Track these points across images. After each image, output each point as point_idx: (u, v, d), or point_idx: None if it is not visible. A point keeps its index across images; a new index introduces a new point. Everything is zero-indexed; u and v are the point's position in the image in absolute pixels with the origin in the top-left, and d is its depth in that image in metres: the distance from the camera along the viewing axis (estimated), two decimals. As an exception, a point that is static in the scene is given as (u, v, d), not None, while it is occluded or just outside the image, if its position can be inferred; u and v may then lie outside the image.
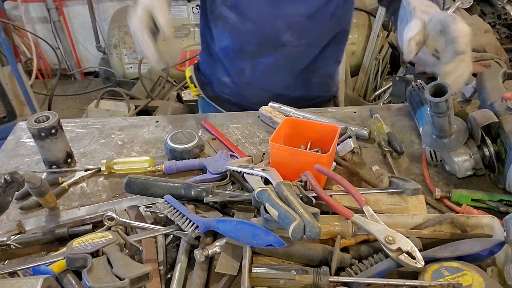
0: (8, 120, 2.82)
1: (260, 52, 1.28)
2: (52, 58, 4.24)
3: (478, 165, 0.95)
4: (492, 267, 0.74)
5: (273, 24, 1.21)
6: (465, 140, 0.94)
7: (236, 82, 1.37)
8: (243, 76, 1.35)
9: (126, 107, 3.11)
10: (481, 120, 0.93)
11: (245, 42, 1.26)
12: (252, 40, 1.26)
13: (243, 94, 1.38)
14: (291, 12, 1.20)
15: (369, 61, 3.12)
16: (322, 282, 0.69)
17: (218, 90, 1.44)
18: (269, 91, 1.36)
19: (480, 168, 0.95)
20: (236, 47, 1.28)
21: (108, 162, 1.05)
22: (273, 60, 1.29)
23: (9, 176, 0.79)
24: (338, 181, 0.84)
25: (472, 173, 0.96)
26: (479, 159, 0.94)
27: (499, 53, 1.97)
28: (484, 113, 0.95)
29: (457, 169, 0.96)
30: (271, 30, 1.22)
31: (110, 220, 0.84)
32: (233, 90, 1.40)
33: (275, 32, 1.23)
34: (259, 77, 1.33)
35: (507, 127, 0.92)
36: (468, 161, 0.95)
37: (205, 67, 1.45)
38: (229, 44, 1.28)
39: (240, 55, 1.30)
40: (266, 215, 0.72)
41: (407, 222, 0.80)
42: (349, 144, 1.05)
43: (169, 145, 1.08)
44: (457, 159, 0.95)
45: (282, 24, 1.22)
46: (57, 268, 0.74)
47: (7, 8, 3.85)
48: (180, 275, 0.76)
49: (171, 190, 0.89)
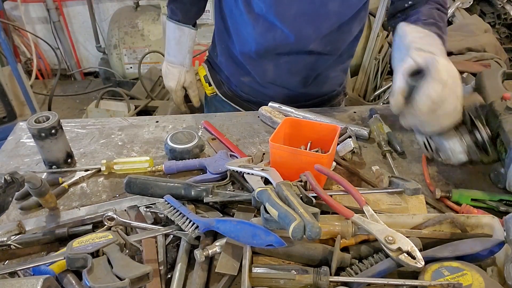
0: (8, 120, 2.82)
1: (285, 55, 1.28)
2: (52, 58, 4.24)
3: (471, 148, 0.94)
4: (492, 267, 0.74)
5: (306, 36, 1.21)
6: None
7: (258, 82, 1.37)
8: (265, 76, 1.34)
9: (126, 107, 3.11)
10: (468, 102, 0.92)
11: (272, 48, 1.26)
12: (280, 47, 1.25)
13: (264, 93, 1.37)
14: (325, 25, 1.20)
15: (369, 61, 3.11)
16: (322, 282, 0.69)
17: (237, 89, 1.44)
18: (291, 90, 1.37)
19: (474, 151, 0.94)
20: (261, 52, 1.28)
21: (108, 162, 1.05)
22: (297, 61, 1.29)
23: (9, 176, 0.79)
24: (338, 181, 0.84)
25: (465, 158, 0.95)
26: (471, 142, 0.93)
27: (499, 53, 1.97)
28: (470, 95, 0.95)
29: (450, 154, 0.95)
30: (302, 40, 1.22)
31: (110, 220, 0.84)
32: (254, 89, 1.40)
33: (305, 42, 1.23)
34: (282, 76, 1.33)
35: (507, 126, 0.92)
36: (459, 143, 0.93)
37: (223, 67, 1.44)
38: (252, 49, 1.27)
39: (263, 57, 1.29)
40: (266, 215, 0.72)
41: (407, 222, 0.80)
42: (349, 144, 1.05)
43: (169, 145, 1.08)
44: (448, 142, 0.94)
45: (314, 35, 1.22)
46: (57, 268, 0.74)
47: (7, 8, 3.85)
48: (180, 275, 0.76)
49: (171, 190, 0.89)
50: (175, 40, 1.39)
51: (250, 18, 1.21)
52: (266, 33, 1.22)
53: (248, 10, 1.20)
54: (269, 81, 1.35)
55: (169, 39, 1.40)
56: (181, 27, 1.36)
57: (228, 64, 1.41)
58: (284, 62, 1.29)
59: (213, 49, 1.47)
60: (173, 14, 1.35)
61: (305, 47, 1.24)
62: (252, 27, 1.22)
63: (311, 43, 1.23)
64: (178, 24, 1.35)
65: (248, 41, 1.27)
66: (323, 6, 1.14)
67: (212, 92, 1.48)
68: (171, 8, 1.35)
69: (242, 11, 1.22)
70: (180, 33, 1.37)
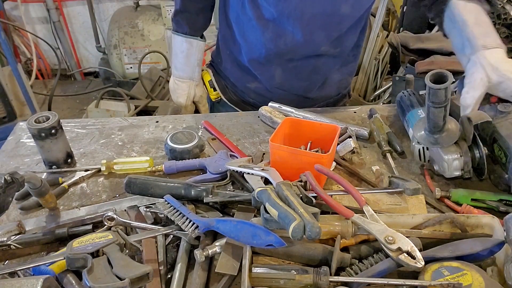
0: (8, 120, 2.82)
1: (294, 59, 1.27)
2: (52, 58, 4.24)
3: (467, 166, 0.94)
4: (492, 267, 0.74)
5: (317, 40, 1.21)
6: (456, 139, 0.94)
7: (265, 87, 1.36)
8: (273, 81, 1.33)
9: (126, 107, 3.11)
10: (475, 119, 0.93)
11: (281, 53, 1.25)
12: (290, 52, 1.25)
13: (270, 98, 1.34)
14: (337, 28, 1.20)
15: (369, 61, 3.11)
16: (322, 282, 0.69)
17: (243, 95, 1.43)
18: (298, 94, 1.36)
19: (468, 170, 0.95)
20: (270, 57, 1.27)
21: (108, 162, 1.05)
22: (305, 65, 1.29)
23: (9, 177, 0.79)
24: (338, 181, 0.84)
25: (459, 174, 0.95)
26: (469, 160, 0.94)
27: (499, 53, 1.97)
28: (478, 112, 0.95)
29: (446, 167, 0.95)
30: (313, 44, 1.22)
31: (110, 220, 0.84)
32: (261, 94, 1.38)
33: (316, 46, 1.23)
34: (290, 80, 1.33)
35: (503, 131, 0.93)
36: (458, 160, 0.94)
37: (228, 73, 1.43)
38: (262, 55, 1.26)
39: (272, 62, 1.28)
40: (266, 215, 0.72)
41: (407, 222, 0.80)
42: (349, 144, 1.05)
43: (169, 145, 1.08)
44: (447, 157, 0.94)
45: (325, 39, 1.22)
46: (57, 268, 0.74)
47: (7, 9, 3.85)
48: (180, 275, 0.76)
49: (171, 190, 0.89)
50: (183, 53, 1.36)
51: (259, 24, 1.20)
52: (277, 39, 1.21)
53: (257, 16, 1.19)
54: (277, 86, 1.34)
55: (176, 53, 1.37)
56: (189, 40, 1.33)
57: (234, 71, 1.40)
58: (293, 67, 1.28)
59: (217, 55, 1.45)
60: (179, 27, 1.33)
61: (315, 51, 1.24)
62: (261, 32, 1.21)
63: (321, 47, 1.23)
64: (185, 36, 1.33)
65: (257, 46, 1.26)
66: (336, 9, 1.14)
67: (217, 97, 1.46)
68: (176, 20, 1.32)
69: (251, 17, 1.20)
70: (188, 45, 1.34)
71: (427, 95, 0.88)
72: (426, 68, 1.76)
